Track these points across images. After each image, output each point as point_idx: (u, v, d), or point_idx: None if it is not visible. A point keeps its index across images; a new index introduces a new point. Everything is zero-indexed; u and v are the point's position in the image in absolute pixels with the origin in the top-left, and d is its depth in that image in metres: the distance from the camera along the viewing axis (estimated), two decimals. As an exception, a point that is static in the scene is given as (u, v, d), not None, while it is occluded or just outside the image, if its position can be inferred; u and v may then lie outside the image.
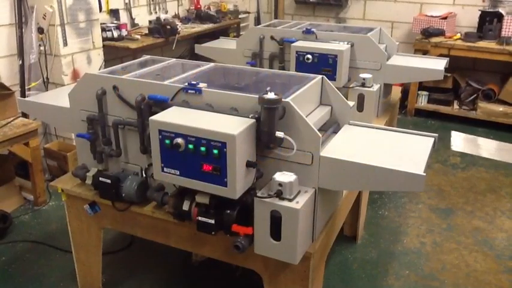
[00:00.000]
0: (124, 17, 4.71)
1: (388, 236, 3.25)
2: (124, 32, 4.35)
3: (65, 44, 3.71)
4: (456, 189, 3.90)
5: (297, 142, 1.76)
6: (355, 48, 3.06)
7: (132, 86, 2.04)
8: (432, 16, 5.39)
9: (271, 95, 1.69)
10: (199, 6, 5.48)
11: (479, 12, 5.22)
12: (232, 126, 1.69)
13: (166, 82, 2.02)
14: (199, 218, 1.88)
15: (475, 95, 5.32)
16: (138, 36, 4.42)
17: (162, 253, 2.95)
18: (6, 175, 3.59)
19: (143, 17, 4.94)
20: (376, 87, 2.95)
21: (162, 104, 1.94)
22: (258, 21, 6.55)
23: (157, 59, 2.52)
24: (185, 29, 4.86)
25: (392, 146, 1.94)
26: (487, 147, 4.75)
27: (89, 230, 2.43)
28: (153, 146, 1.81)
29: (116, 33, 4.25)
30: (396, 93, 3.68)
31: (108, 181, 2.12)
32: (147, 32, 4.58)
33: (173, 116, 1.81)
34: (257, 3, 6.58)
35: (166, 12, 5.23)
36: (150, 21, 4.78)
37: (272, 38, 3.25)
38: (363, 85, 2.93)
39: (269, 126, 1.72)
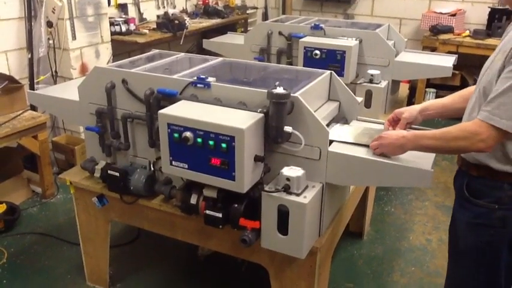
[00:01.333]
0: (132, 12, 4.71)
1: (394, 233, 3.25)
2: (132, 27, 4.35)
3: (74, 37, 3.72)
4: (463, 186, 3.87)
5: (305, 137, 1.76)
6: (363, 45, 3.05)
7: (141, 80, 2.05)
8: (441, 13, 5.36)
9: (280, 90, 1.69)
10: (207, 1, 5.48)
11: (489, 9, 5.18)
12: (240, 120, 1.69)
13: (175, 76, 2.03)
14: (207, 212, 1.89)
15: (483, 93, 5.28)
16: (146, 31, 4.43)
17: (168, 247, 2.96)
18: (15, 168, 3.63)
19: (151, 12, 4.94)
20: (384, 83, 2.95)
21: (170, 98, 1.95)
22: (265, 16, 6.53)
23: (165, 53, 2.53)
24: (193, 24, 4.85)
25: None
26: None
27: (96, 223, 2.45)
28: (162, 139, 1.81)
29: (124, 28, 4.26)
30: (404, 90, 3.67)
31: (117, 174, 2.14)
32: (155, 26, 4.58)
33: (182, 110, 1.81)
34: (265, -1, 6.57)
35: (174, 7, 5.23)
36: (158, 16, 4.79)
37: (280, 33, 3.24)
38: (371, 81, 2.93)
39: (277, 121, 1.72)
